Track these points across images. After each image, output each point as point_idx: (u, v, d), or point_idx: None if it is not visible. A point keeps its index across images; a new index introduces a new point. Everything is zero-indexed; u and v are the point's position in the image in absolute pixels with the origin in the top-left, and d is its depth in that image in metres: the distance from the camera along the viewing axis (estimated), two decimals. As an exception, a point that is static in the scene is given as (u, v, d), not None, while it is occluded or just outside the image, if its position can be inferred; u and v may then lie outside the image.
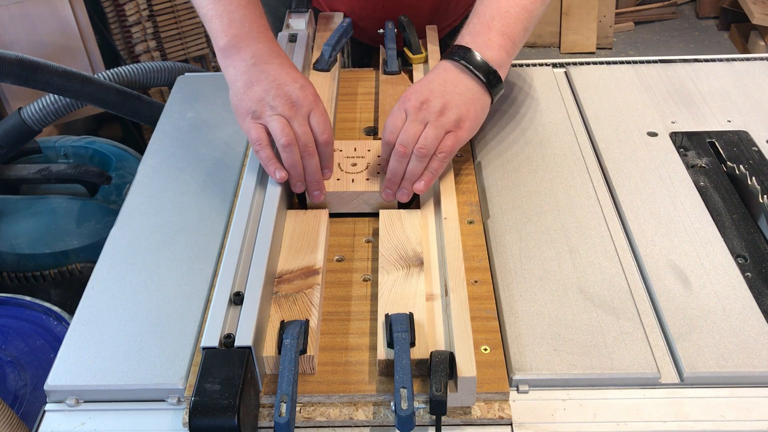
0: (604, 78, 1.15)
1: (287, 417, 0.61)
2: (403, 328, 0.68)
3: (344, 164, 0.92)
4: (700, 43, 3.40)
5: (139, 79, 1.59)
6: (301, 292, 0.76)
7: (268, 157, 0.85)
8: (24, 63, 1.32)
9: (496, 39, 0.88)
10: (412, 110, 0.85)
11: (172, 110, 1.11)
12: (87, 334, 0.76)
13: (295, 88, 0.86)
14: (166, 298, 0.79)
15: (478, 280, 0.79)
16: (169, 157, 1.01)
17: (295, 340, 0.67)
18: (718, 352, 0.71)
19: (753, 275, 0.80)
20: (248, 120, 0.86)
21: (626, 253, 0.83)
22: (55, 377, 0.72)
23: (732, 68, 1.16)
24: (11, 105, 2.05)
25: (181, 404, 0.70)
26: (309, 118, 0.85)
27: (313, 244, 0.82)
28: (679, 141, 1.01)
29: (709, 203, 0.90)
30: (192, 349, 0.73)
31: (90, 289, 0.81)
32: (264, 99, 0.85)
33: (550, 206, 0.90)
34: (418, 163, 0.84)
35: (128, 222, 0.90)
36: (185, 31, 2.45)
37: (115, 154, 1.67)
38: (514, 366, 0.70)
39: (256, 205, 0.83)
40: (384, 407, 0.68)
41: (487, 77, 0.87)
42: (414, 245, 0.81)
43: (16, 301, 1.30)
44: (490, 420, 0.67)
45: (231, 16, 0.89)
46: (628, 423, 0.67)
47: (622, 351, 0.71)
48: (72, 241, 1.46)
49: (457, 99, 0.85)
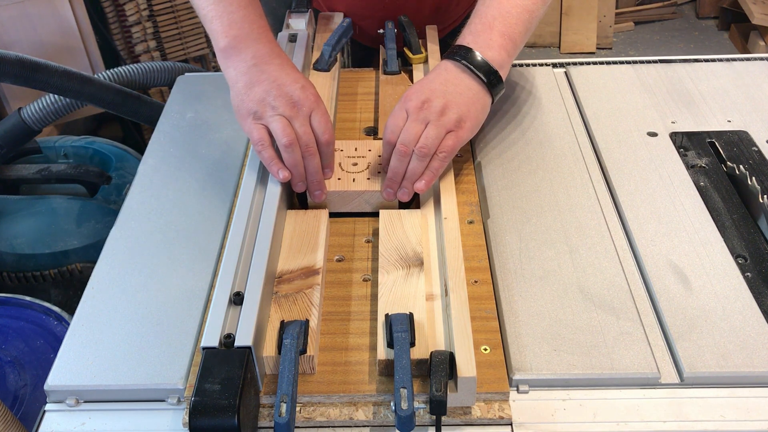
0: (604, 78, 1.15)
1: (287, 417, 0.61)
2: (403, 328, 0.68)
3: (345, 164, 0.92)
4: (700, 43, 3.40)
5: (139, 79, 1.59)
6: (301, 292, 0.76)
7: (271, 157, 0.85)
8: (24, 63, 1.32)
9: (497, 39, 0.88)
10: (413, 110, 0.85)
11: (172, 110, 1.11)
12: (87, 334, 0.76)
13: (296, 89, 0.86)
14: (166, 298, 0.79)
15: (478, 280, 0.79)
16: (169, 157, 1.01)
17: (295, 340, 0.67)
18: (718, 352, 0.71)
19: (753, 275, 0.80)
20: (250, 121, 0.86)
21: (626, 253, 0.83)
22: (55, 377, 0.72)
23: (732, 68, 1.16)
24: (11, 105, 2.06)
25: (181, 404, 0.70)
26: (310, 118, 0.86)
27: (313, 244, 0.82)
28: (679, 141, 1.01)
29: (709, 203, 0.90)
30: (192, 349, 0.73)
31: (90, 289, 0.81)
32: (265, 99, 0.85)
33: (550, 206, 0.90)
34: (419, 162, 0.84)
35: (128, 222, 0.90)
36: (185, 31, 2.45)
37: (115, 154, 1.67)
38: (514, 366, 0.70)
39: (256, 205, 0.83)
40: (384, 407, 0.68)
41: (487, 77, 0.87)
42: (414, 245, 0.81)
43: (16, 301, 1.30)
44: (490, 420, 0.67)
45: (231, 17, 0.89)
46: (628, 423, 0.67)
47: (622, 351, 0.71)
48: (72, 241, 1.46)
49: (458, 99, 0.86)
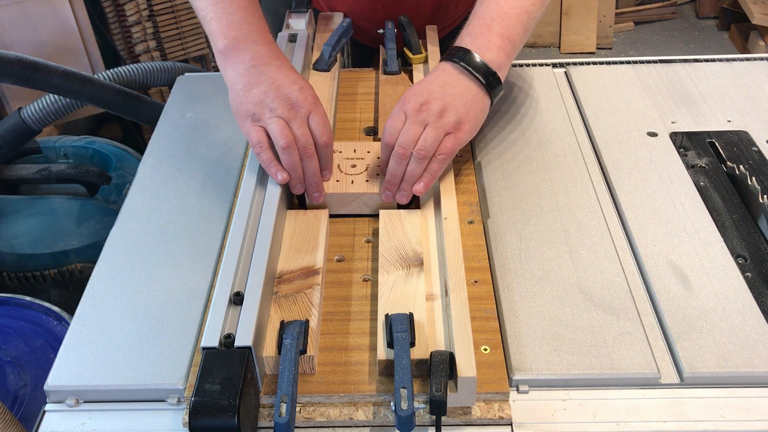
0: (604, 78, 1.15)
1: (287, 417, 0.61)
2: (403, 328, 0.68)
3: (344, 166, 0.92)
4: (700, 43, 3.40)
5: (139, 79, 1.59)
6: (301, 292, 0.76)
7: (269, 159, 0.85)
8: (24, 63, 1.32)
9: (495, 41, 0.88)
10: (412, 112, 0.85)
11: (172, 110, 1.11)
12: (87, 334, 0.76)
13: (294, 90, 0.86)
14: (166, 298, 0.79)
15: (478, 280, 0.79)
16: (169, 157, 1.01)
17: (295, 340, 0.67)
18: (718, 352, 0.71)
19: (753, 275, 0.80)
20: (248, 123, 0.86)
21: (626, 253, 0.83)
22: (55, 377, 0.72)
23: (732, 68, 1.16)
24: (11, 105, 2.06)
25: (181, 404, 0.70)
26: (308, 119, 0.86)
27: (313, 244, 0.82)
28: (679, 141, 1.01)
29: (709, 203, 0.90)
30: (192, 349, 0.73)
31: (90, 289, 0.81)
32: (263, 101, 0.85)
33: (550, 206, 0.90)
34: (417, 164, 0.84)
35: (128, 222, 0.90)
36: (185, 31, 2.45)
37: (115, 154, 1.67)
38: (514, 366, 0.70)
39: (256, 205, 0.83)
40: (384, 407, 0.68)
41: (486, 79, 0.87)
42: (414, 245, 0.81)
43: (16, 301, 1.30)
44: (490, 420, 0.67)
45: (230, 19, 0.89)
46: (628, 423, 0.67)
47: (622, 351, 0.71)
48: (72, 241, 1.46)
49: (457, 101, 0.86)
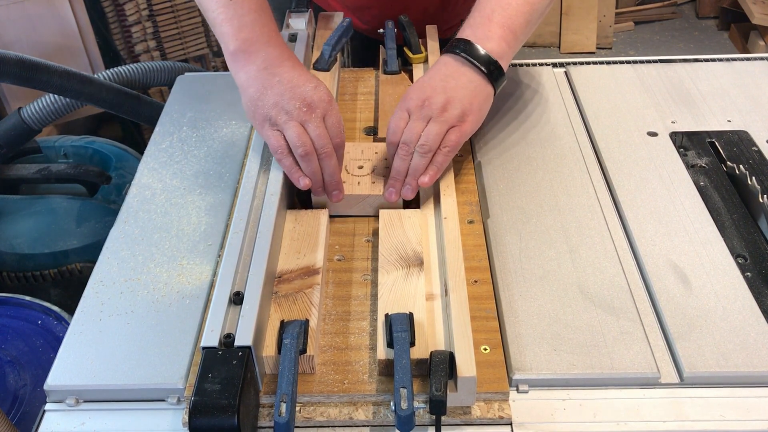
0: (604, 78, 1.15)
1: (287, 417, 0.61)
2: (403, 328, 0.68)
3: (351, 167, 0.92)
4: (700, 43, 3.40)
5: (139, 79, 1.59)
6: (301, 291, 0.76)
7: (291, 164, 0.85)
8: (24, 63, 1.32)
9: (496, 30, 0.87)
10: (415, 108, 0.85)
11: (172, 110, 1.11)
12: (87, 334, 0.76)
13: (309, 89, 0.85)
14: (166, 298, 0.79)
15: (478, 280, 0.79)
16: (169, 157, 1.01)
17: (295, 340, 0.67)
18: (718, 352, 0.71)
19: (753, 275, 0.80)
20: (266, 127, 0.85)
21: (626, 253, 0.83)
22: (55, 377, 0.72)
23: (732, 68, 1.16)
24: (11, 105, 2.06)
25: (180, 404, 0.70)
26: (324, 119, 0.85)
27: (313, 244, 0.82)
28: (679, 141, 1.01)
29: (709, 203, 0.90)
30: (192, 349, 0.73)
31: (90, 289, 0.81)
32: (279, 103, 0.84)
33: (550, 206, 0.90)
34: (422, 159, 0.84)
35: (128, 222, 0.90)
36: (185, 30, 2.45)
37: (115, 154, 1.67)
38: (514, 366, 0.70)
39: (256, 204, 0.83)
40: (384, 407, 0.68)
41: (488, 68, 0.86)
42: (414, 245, 0.81)
43: (16, 301, 1.30)
44: (490, 420, 0.67)
45: (241, 20, 0.88)
46: (628, 423, 0.67)
47: (621, 351, 0.71)
48: (72, 241, 1.45)
49: (460, 93, 0.85)
